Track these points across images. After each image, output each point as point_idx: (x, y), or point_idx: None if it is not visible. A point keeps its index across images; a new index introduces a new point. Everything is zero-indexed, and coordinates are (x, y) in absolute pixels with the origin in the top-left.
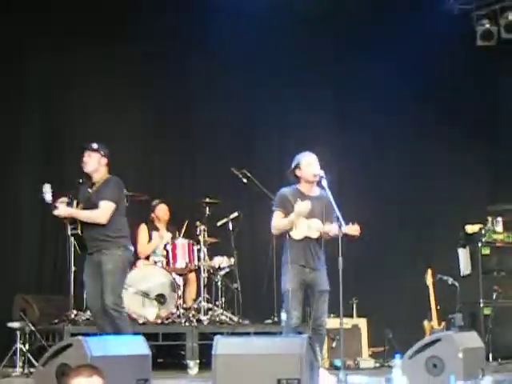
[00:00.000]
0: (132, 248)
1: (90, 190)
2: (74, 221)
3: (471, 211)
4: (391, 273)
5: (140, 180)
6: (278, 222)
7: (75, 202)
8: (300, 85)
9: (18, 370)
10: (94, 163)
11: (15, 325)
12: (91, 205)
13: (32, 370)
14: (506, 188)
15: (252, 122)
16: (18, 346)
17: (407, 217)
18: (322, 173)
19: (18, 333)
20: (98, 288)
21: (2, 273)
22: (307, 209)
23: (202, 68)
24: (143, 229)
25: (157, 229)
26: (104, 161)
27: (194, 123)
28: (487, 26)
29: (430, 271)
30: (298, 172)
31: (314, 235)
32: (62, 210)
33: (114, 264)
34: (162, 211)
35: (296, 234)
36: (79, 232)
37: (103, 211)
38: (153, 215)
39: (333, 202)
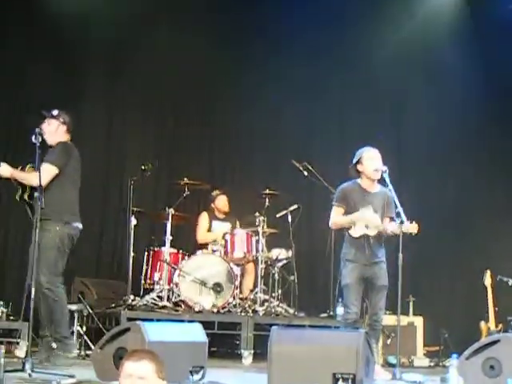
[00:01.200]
0: (77, 225)
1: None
2: (23, 185)
3: None
4: (448, 272)
5: (201, 169)
6: (337, 218)
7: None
8: None
9: (75, 352)
10: (52, 130)
11: (73, 307)
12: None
13: (88, 352)
14: None
15: (313, 115)
16: (76, 328)
17: (466, 216)
18: (384, 168)
19: (76, 315)
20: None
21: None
22: (371, 220)
23: (266, 58)
24: (204, 217)
25: (217, 218)
26: (63, 128)
27: (256, 114)
28: None
29: (488, 272)
30: (359, 167)
31: (372, 233)
32: (4, 169)
33: (49, 240)
34: (221, 202)
35: (354, 232)
36: (26, 198)
37: (41, 173)
38: (213, 205)
39: (395, 198)
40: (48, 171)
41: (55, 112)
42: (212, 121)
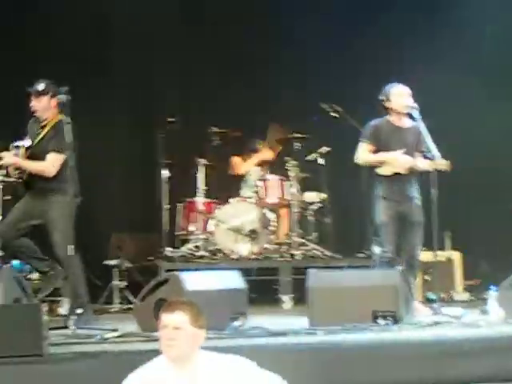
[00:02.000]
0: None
1: (39, 133)
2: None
3: None
4: (484, 206)
5: (230, 114)
6: (364, 155)
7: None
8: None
9: (116, 305)
10: (44, 107)
11: (112, 262)
12: (40, 150)
13: (129, 306)
14: None
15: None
16: (115, 282)
17: (498, 153)
18: (414, 104)
19: (115, 270)
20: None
21: (98, 213)
22: (402, 163)
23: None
24: (236, 160)
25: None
26: (54, 102)
27: (283, 57)
28: None
29: None
30: (387, 103)
31: (403, 171)
32: (9, 159)
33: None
34: (264, 154)
35: (384, 170)
36: (23, 177)
37: (51, 163)
38: (253, 154)
39: (427, 134)
40: (59, 160)
41: (41, 86)
42: (238, 67)
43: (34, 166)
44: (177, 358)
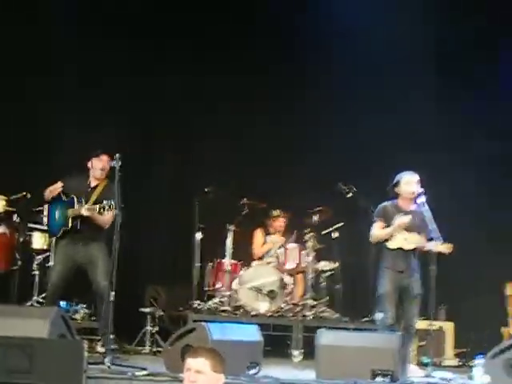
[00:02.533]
0: None
1: (92, 189)
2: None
3: None
4: (476, 283)
5: (258, 189)
6: (377, 231)
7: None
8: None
9: (147, 348)
10: (108, 169)
11: (146, 310)
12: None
13: (158, 349)
14: None
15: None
16: (148, 328)
17: (488, 231)
18: (420, 191)
19: (148, 317)
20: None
21: (138, 265)
22: (407, 222)
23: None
24: (259, 233)
25: (270, 233)
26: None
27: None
28: None
29: (510, 284)
30: (397, 189)
31: (410, 247)
32: (87, 212)
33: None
34: (279, 223)
35: (391, 244)
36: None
37: (111, 218)
38: (269, 222)
39: (431, 218)
40: (113, 216)
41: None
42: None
43: (101, 219)
44: None
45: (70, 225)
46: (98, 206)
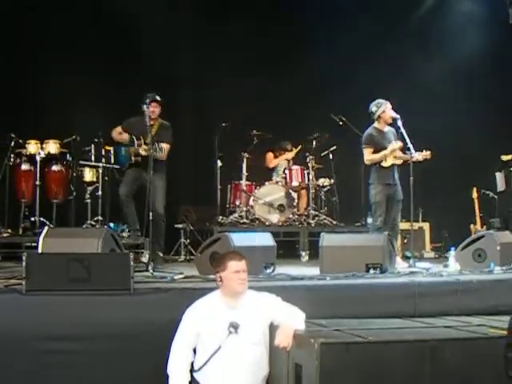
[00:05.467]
0: None
1: (150, 127)
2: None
3: (506, 145)
4: (447, 189)
5: (266, 121)
6: (371, 156)
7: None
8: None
9: (182, 256)
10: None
11: (180, 226)
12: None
13: (191, 257)
14: None
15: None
16: (182, 240)
17: (459, 148)
18: (398, 116)
19: (182, 231)
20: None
21: (169, 190)
22: (399, 147)
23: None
24: (270, 154)
25: (280, 155)
26: None
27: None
28: None
29: (475, 188)
30: (380, 114)
31: (399, 162)
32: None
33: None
34: (290, 154)
35: (386, 163)
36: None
37: (167, 149)
38: (280, 151)
39: (406, 137)
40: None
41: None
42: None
43: (158, 155)
44: (244, 291)
45: (133, 159)
46: (153, 147)
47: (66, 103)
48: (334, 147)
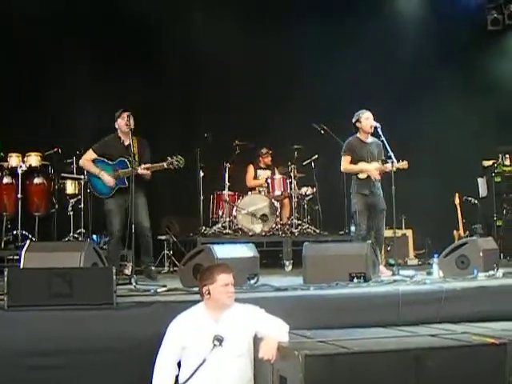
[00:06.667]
0: None
1: (126, 146)
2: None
3: (487, 150)
4: (430, 196)
5: (247, 131)
6: (347, 166)
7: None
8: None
9: (166, 268)
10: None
11: (163, 237)
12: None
13: (175, 268)
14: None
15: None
16: (165, 252)
17: (441, 155)
18: (377, 124)
19: (165, 243)
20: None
21: (154, 201)
22: (373, 171)
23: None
24: (251, 168)
25: (260, 168)
26: None
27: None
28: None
29: (457, 194)
30: (358, 124)
31: (376, 176)
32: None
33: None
34: (268, 158)
35: (362, 175)
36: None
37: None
38: (260, 158)
39: (387, 146)
40: None
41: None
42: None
43: (149, 174)
44: (232, 303)
45: (126, 183)
46: (165, 163)
47: (47, 116)
48: (316, 156)
